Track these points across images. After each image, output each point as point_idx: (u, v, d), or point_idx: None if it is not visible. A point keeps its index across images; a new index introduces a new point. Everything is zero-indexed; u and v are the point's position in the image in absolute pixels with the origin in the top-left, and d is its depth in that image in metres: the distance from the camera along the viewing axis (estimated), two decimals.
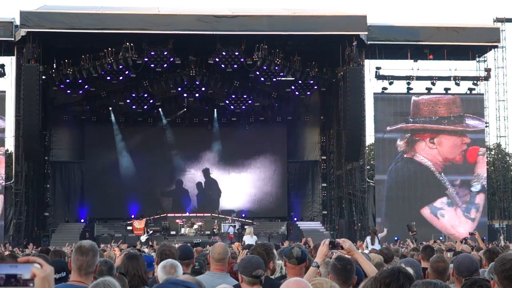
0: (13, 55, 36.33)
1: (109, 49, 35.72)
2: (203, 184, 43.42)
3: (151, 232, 37.69)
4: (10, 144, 40.38)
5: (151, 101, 40.81)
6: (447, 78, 38.62)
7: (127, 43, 35.38)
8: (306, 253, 6.46)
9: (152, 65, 37.11)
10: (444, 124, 38.43)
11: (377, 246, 17.91)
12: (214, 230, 38.43)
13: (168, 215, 40.43)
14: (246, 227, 30.95)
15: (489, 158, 43.60)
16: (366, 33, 36.20)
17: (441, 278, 6.55)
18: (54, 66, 37.35)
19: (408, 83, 38.42)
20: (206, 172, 43.39)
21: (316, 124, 44.19)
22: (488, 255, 8.35)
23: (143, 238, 35.64)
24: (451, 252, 13.13)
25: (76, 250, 5.36)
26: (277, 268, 7.21)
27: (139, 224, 38.66)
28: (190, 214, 40.65)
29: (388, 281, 4.07)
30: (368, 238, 19.59)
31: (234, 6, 37.93)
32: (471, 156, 38.38)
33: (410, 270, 5.96)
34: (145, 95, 40.35)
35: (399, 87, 38.82)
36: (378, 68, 38.38)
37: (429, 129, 38.40)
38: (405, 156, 38.23)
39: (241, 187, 43.17)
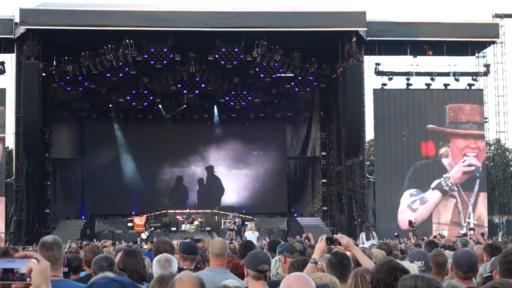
0: (13, 53, 36.29)
1: (109, 46, 35.69)
2: (203, 180, 43.44)
3: (152, 229, 37.66)
4: (10, 142, 40.48)
5: (151, 98, 40.86)
6: (447, 74, 38.65)
7: (127, 40, 35.38)
8: (306, 247, 6.53)
9: (152, 62, 37.18)
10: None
11: (373, 241, 17.93)
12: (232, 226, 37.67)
13: (169, 211, 40.43)
14: (247, 223, 30.94)
15: (488, 154, 43.58)
16: (366, 29, 36.18)
17: (442, 271, 6.64)
18: (54, 63, 37.45)
19: (408, 79, 38.48)
20: (206, 169, 43.40)
21: (316, 120, 44.21)
22: (490, 250, 8.40)
23: (144, 235, 35.62)
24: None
25: (40, 247, 5.39)
26: (273, 264, 7.24)
27: (139, 220, 38.65)
28: (190, 211, 40.68)
29: (388, 282, 4.15)
30: (363, 234, 19.59)
31: (234, 3, 37.87)
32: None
33: (418, 263, 6.04)
34: (145, 92, 40.38)
35: (398, 83, 38.91)
36: (377, 64, 38.35)
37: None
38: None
39: (241, 183, 43.17)
